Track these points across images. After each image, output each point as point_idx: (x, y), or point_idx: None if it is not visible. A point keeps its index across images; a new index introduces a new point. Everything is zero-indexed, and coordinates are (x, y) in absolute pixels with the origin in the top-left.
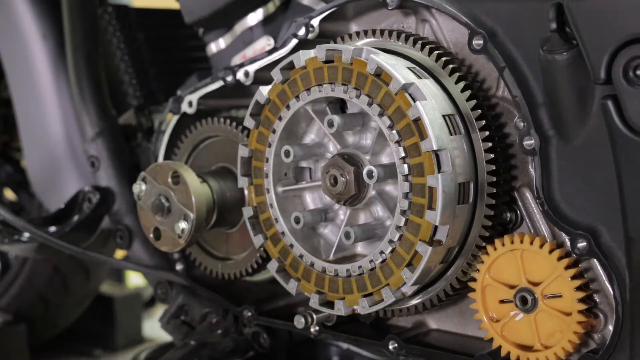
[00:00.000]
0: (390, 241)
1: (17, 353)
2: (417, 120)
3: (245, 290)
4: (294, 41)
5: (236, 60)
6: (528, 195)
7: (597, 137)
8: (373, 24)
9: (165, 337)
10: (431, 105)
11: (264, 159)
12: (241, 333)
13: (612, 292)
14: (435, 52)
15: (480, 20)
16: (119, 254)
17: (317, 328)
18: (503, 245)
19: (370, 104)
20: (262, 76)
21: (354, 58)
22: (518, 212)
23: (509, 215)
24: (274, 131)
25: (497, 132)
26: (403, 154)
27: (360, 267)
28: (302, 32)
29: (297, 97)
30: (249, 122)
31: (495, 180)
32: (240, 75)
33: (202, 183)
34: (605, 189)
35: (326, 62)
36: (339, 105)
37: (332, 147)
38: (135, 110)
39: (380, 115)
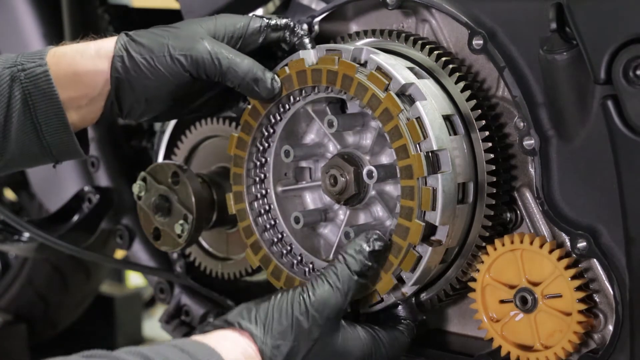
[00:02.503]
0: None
1: (17, 353)
2: (412, 120)
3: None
4: None
5: None
6: (528, 195)
7: (597, 137)
8: (373, 24)
9: (165, 337)
10: (431, 105)
11: (244, 165)
12: None
13: (612, 292)
14: (435, 52)
15: (480, 20)
16: (119, 254)
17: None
18: (503, 245)
19: None
20: None
21: (340, 60)
22: (518, 212)
23: (509, 215)
24: (274, 131)
25: (497, 132)
26: None
27: None
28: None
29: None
30: None
31: (495, 180)
32: None
33: (202, 183)
34: (605, 189)
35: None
36: (339, 105)
37: (332, 147)
38: None
39: None
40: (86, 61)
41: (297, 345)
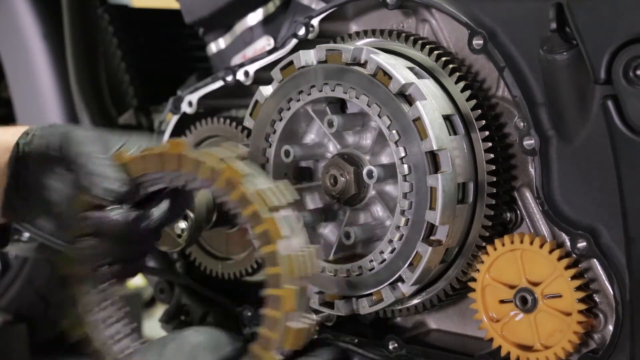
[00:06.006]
0: (390, 241)
1: (17, 353)
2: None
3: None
4: (294, 41)
5: (236, 60)
6: (528, 195)
7: (597, 137)
8: (373, 24)
9: None
10: (431, 105)
11: None
12: (240, 333)
13: (612, 292)
14: (435, 52)
15: (480, 20)
16: None
17: (317, 328)
18: (503, 245)
19: (370, 104)
20: (262, 76)
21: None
22: (518, 212)
23: (509, 215)
24: (274, 131)
25: (497, 132)
26: (403, 154)
27: (360, 267)
28: (302, 32)
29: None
30: (248, 122)
31: (495, 180)
32: (240, 75)
33: None
34: (605, 189)
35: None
36: (339, 105)
37: (332, 147)
38: (135, 110)
39: (380, 115)
40: None
41: None
